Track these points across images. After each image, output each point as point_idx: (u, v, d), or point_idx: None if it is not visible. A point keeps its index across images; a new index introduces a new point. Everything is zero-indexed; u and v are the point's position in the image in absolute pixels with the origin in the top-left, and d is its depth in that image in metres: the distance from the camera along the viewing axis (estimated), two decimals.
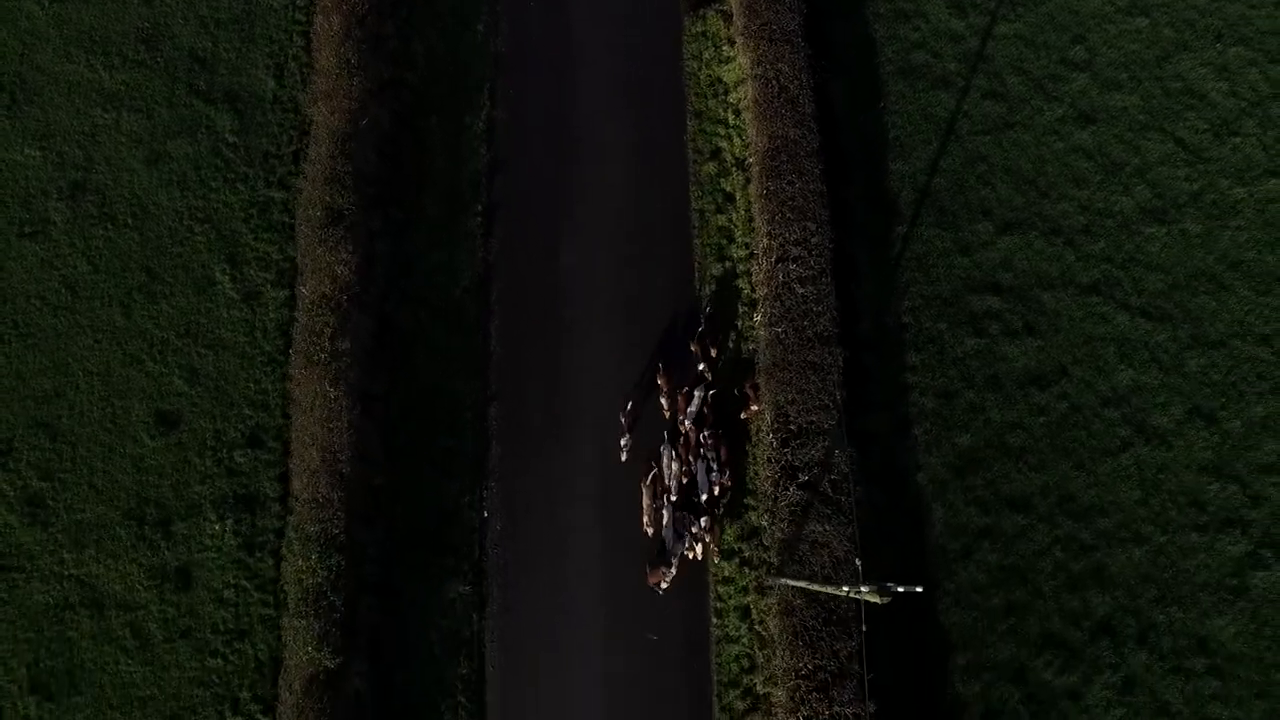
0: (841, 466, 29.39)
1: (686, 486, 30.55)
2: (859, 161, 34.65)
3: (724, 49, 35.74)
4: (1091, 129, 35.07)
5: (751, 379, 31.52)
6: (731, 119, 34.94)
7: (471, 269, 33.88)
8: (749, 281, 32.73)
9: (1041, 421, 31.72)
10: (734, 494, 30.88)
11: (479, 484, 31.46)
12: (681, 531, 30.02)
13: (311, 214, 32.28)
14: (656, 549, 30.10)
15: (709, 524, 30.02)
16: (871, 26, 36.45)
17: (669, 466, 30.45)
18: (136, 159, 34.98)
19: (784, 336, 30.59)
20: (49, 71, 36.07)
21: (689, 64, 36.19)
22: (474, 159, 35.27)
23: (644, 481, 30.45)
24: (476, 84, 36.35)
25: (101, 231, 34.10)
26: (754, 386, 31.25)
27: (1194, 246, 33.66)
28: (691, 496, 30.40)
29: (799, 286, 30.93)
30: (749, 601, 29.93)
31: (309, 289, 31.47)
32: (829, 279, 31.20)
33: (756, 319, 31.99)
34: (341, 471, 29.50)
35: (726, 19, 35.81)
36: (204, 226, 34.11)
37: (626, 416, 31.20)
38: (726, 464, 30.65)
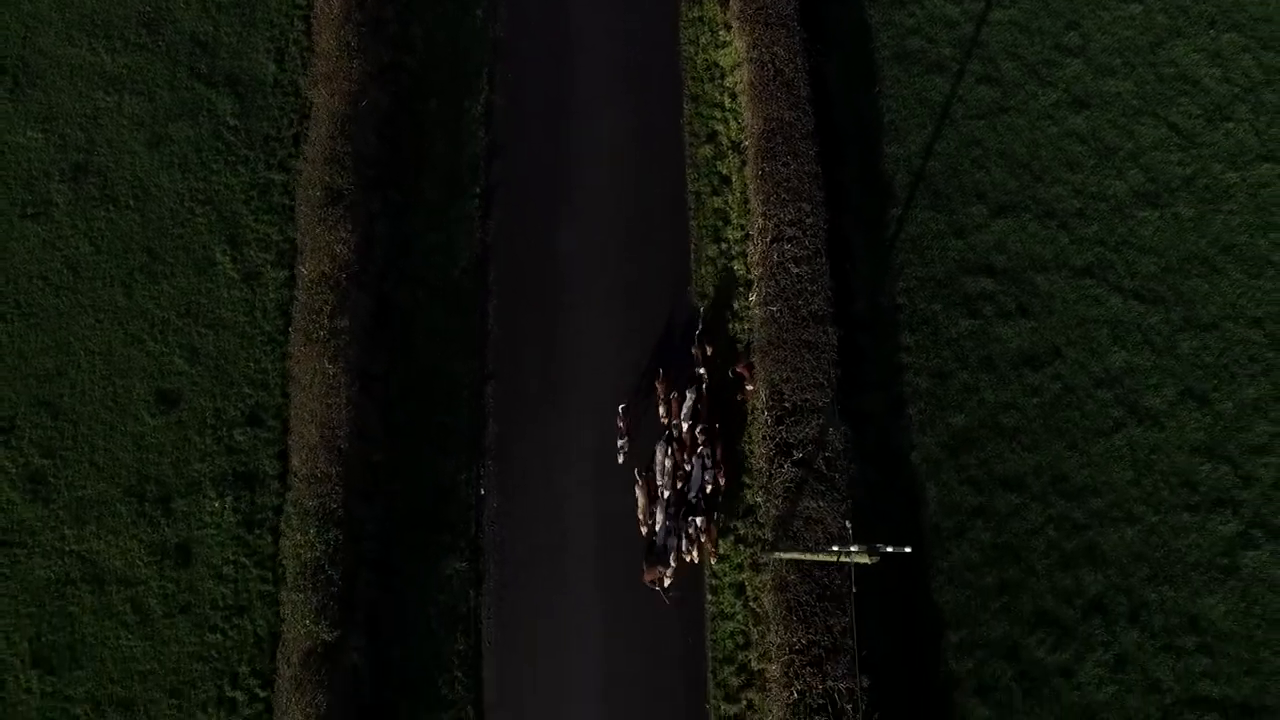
0: (835, 443, 29.64)
1: (681, 486, 30.31)
2: (854, 145, 34.91)
3: (720, 33, 36.01)
4: (1085, 114, 35.33)
5: (745, 359, 31.79)
6: (728, 103, 35.23)
7: (470, 250, 34.16)
8: (744, 262, 33.00)
9: (1035, 402, 31.97)
10: (729, 492, 30.74)
11: (476, 462, 31.73)
12: (676, 529, 29.81)
13: (311, 194, 32.58)
14: (652, 548, 29.96)
15: (705, 524, 29.96)
16: (867, 11, 36.71)
17: (663, 463, 30.34)
18: (138, 141, 35.30)
19: (779, 315, 30.85)
20: (51, 55, 36.40)
21: (685, 49, 36.46)
22: (472, 142, 35.54)
23: (638, 482, 30.39)
24: (475, 69, 36.64)
25: (103, 213, 34.41)
26: (749, 366, 31.50)
27: (1187, 230, 33.91)
28: (686, 495, 30.25)
29: (794, 266, 31.20)
30: (744, 579, 30.16)
31: (308, 268, 31.76)
32: (824, 259, 31.44)
33: (751, 299, 32.26)
34: (340, 447, 29.78)
35: (723, 3, 36.03)
36: (205, 208, 34.42)
37: (624, 420, 31.25)
38: (721, 461, 30.60)
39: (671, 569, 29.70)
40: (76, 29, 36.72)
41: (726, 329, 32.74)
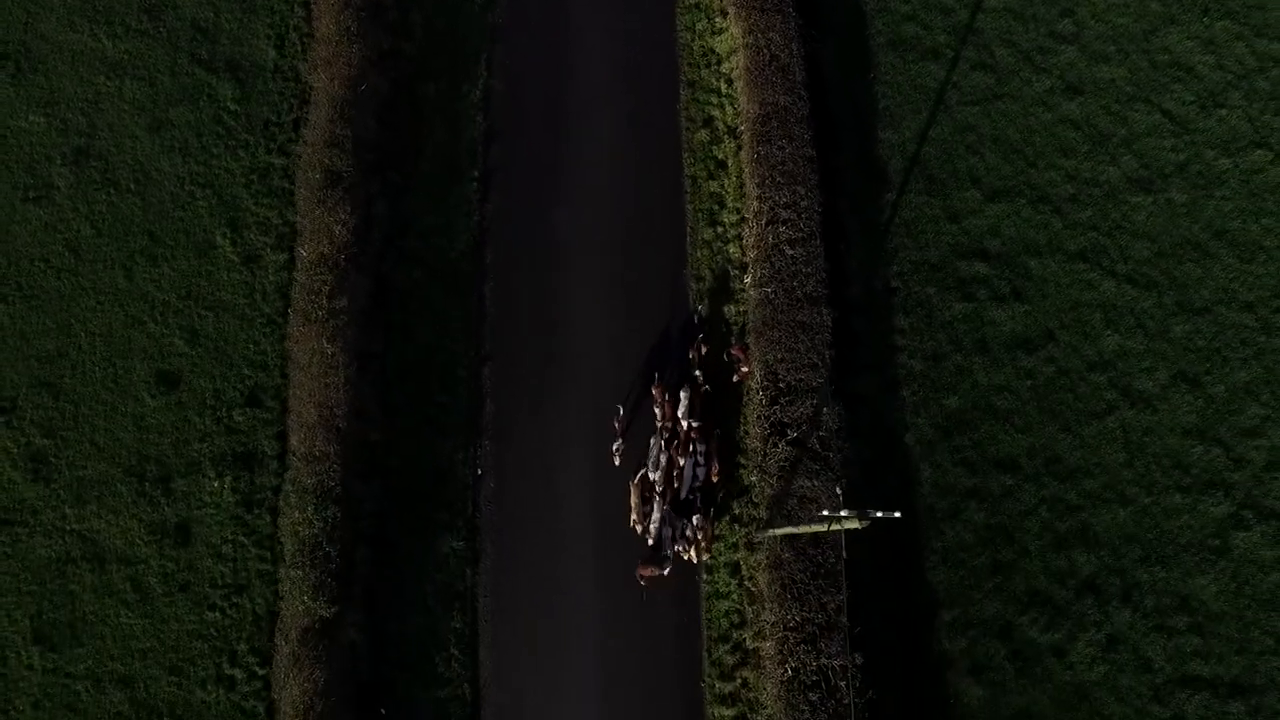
0: (830, 423, 29.86)
1: (675, 483, 30.47)
2: (849, 130, 35.15)
3: (716, 20, 36.26)
4: (1079, 100, 35.55)
5: (740, 341, 32.01)
6: (724, 88, 35.48)
7: (467, 232, 34.42)
8: (740, 245, 33.24)
9: (1028, 385, 32.19)
10: (724, 490, 30.87)
11: (473, 442, 31.98)
12: (672, 526, 29.94)
13: (311, 176, 32.85)
14: (648, 546, 30.10)
15: (701, 523, 30.08)
16: None
17: (657, 456, 30.39)
18: (139, 126, 35.57)
19: (774, 297, 31.09)
20: (53, 40, 36.67)
21: (682, 35, 36.71)
22: (471, 127, 35.81)
23: (632, 480, 30.53)
24: (473, 54, 36.90)
25: (104, 196, 34.68)
26: (744, 348, 31.73)
27: (1180, 215, 34.12)
28: (680, 493, 30.37)
29: (789, 248, 31.44)
30: (739, 558, 30.39)
31: (307, 249, 32.02)
32: (818, 241, 31.69)
33: (747, 280, 32.50)
34: (338, 426, 30.03)
35: None
36: (205, 192, 34.68)
37: (620, 422, 31.41)
38: (714, 455, 30.72)
39: (668, 567, 29.84)
40: (78, 14, 36.99)
41: (722, 312, 32.98)
